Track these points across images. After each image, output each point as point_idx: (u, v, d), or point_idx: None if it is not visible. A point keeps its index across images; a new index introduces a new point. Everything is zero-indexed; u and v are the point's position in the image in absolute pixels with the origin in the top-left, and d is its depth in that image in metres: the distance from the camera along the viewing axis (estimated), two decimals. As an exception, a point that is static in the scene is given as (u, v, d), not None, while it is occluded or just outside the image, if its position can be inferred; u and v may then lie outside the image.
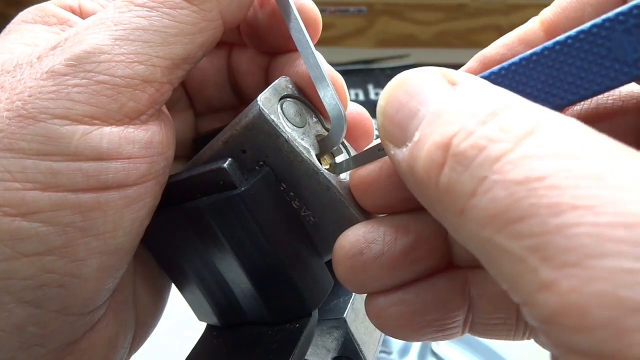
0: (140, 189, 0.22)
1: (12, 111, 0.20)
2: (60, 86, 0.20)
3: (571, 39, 0.17)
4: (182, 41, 0.22)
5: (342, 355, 0.29)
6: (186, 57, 0.22)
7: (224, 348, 0.27)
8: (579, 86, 0.17)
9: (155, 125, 0.22)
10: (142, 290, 0.28)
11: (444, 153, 0.15)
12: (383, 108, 0.19)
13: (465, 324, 0.23)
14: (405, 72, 0.19)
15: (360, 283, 0.23)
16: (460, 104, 0.16)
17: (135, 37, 0.21)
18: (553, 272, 0.13)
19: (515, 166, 0.14)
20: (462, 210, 0.15)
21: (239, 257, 0.24)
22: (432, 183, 0.16)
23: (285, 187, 0.25)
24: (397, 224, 0.22)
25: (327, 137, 0.25)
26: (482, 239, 0.14)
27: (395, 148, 0.18)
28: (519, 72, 0.18)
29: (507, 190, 0.14)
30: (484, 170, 0.14)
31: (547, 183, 0.13)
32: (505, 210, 0.14)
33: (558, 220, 0.13)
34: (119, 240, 0.22)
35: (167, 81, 0.22)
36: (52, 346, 0.22)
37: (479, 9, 1.29)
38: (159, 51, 0.21)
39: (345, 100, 0.26)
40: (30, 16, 0.25)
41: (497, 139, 0.15)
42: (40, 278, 0.20)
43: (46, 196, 0.20)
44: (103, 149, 0.20)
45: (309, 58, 0.25)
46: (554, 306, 0.13)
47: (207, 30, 0.23)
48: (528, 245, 0.13)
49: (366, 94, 1.18)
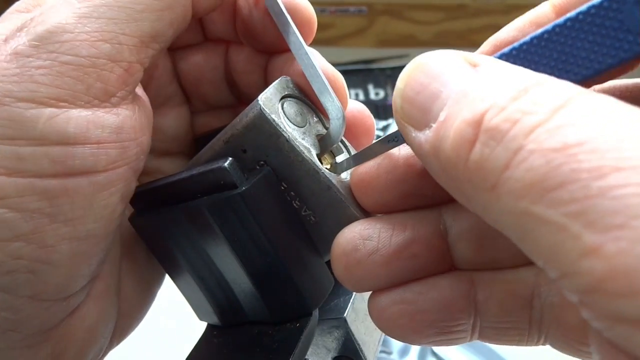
0: (111, 175, 0.21)
1: None
2: (23, 68, 0.20)
3: (582, 14, 0.17)
4: (149, 17, 0.21)
5: (342, 355, 0.29)
6: (154, 35, 0.22)
7: (224, 348, 0.27)
8: (592, 60, 0.17)
9: (127, 110, 0.22)
10: (127, 281, 0.27)
11: (475, 130, 0.15)
12: (402, 91, 0.18)
13: (473, 329, 0.22)
14: (424, 54, 0.18)
15: (357, 280, 0.22)
16: (487, 83, 0.16)
17: (99, 14, 0.21)
18: (598, 236, 0.12)
19: (551, 134, 0.14)
20: (494, 185, 0.14)
21: (239, 257, 0.24)
22: (461, 161, 0.15)
23: (286, 187, 0.25)
24: (394, 221, 0.22)
25: (327, 135, 0.25)
26: (517, 211, 0.14)
27: (416, 131, 0.18)
28: (530, 51, 0.18)
29: (545, 158, 0.13)
30: (519, 141, 0.14)
31: (587, 148, 0.13)
32: (543, 179, 0.13)
33: (601, 183, 0.12)
34: (90, 226, 0.21)
35: (137, 61, 0.22)
36: (27, 332, 0.22)
37: (479, 9, 1.29)
38: (124, 28, 0.21)
39: (345, 98, 0.26)
40: (23, 6, 0.24)
41: (531, 111, 0.14)
42: (8, 264, 0.20)
43: (12, 182, 0.19)
44: (70, 133, 0.20)
45: (304, 59, 0.25)
46: (600, 272, 0.12)
47: (175, 7, 0.22)
48: (569, 212, 0.13)
49: (366, 94, 1.18)
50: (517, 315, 0.22)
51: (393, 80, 1.20)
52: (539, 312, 0.21)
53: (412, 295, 0.22)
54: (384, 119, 1.09)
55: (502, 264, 0.22)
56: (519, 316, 0.22)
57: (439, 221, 0.22)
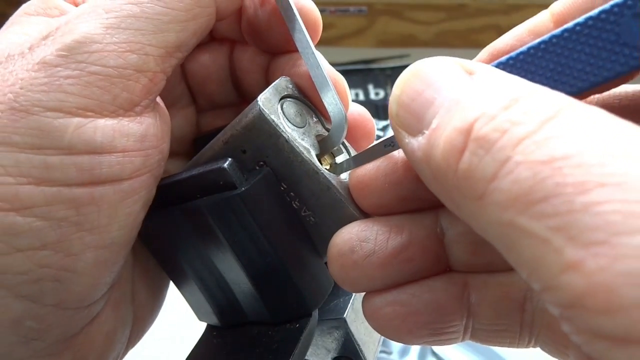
0: (135, 182, 0.21)
1: (4, 104, 0.20)
2: (52, 78, 0.20)
3: (580, 26, 0.17)
4: (175, 28, 0.22)
5: (342, 355, 0.29)
6: (179, 45, 0.22)
7: (224, 348, 0.27)
8: (588, 73, 0.17)
9: (150, 118, 0.22)
10: (140, 286, 0.27)
11: (464, 138, 0.15)
12: (398, 97, 0.18)
13: (465, 330, 0.23)
14: (421, 60, 0.18)
15: (352, 281, 0.22)
16: (480, 91, 0.16)
17: (127, 25, 0.21)
18: (579, 251, 0.12)
19: (539, 146, 0.14)
20: (482, 194, 0.14)
21: (239, 257, 0.24)
22: (450, 170, 0.15)
23: (286, 188, 0.25)
24: (392, 224, 0.22)
25: (328, 137, 0.25)
26: (503, 222, 0.14)
27: (409, 137, 0.18)
28: (527, 61, 0.18)
29: (531, 170, 0.13)
30: (506, 152, 0.14)
31: (573, 162, 0.13)
32: (529, 191, 0.13)
33: (584, 198, 0.12)
34: (114, 234, 0.22)
35: (161, 70, 0.22)
36: (50, 340, 0.22)
37: (479, 9, 1.29)
38: (151, 39, 0.21)
39: (347, 101, 0.26)
40: (32, 8, 0.25)
41: (520, 121, 0.14)
42: (36, 273, 0.20)
43: (40, 191, 0.20)
44: (97, 142, 0.20)
45: (310, 58, 0.25)
46: (579, 287, 0.12)
47: (200, 17, 0.22)
48: (552, 225, 0.13)
49: (366, 94, 1.18)
50: (509, 318, 0.22)
51: (393, 80, 1.20)
52: (531, 315, 0.21)
53: (405, 297, 0.22)
54: (384, 119, 1.09)
55: (497, 266, 0.22)
56: (511, 318, 0.22)
57: (435, 224, 0.22)
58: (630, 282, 0.12)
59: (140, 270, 0.27)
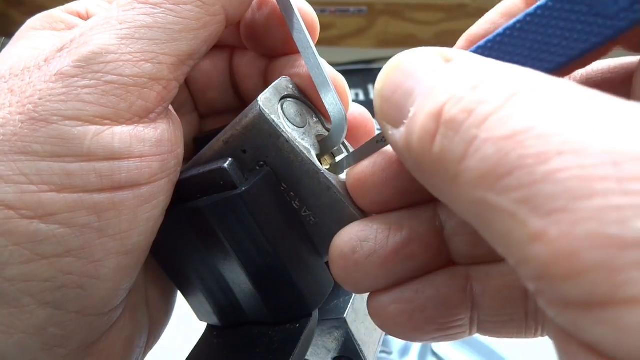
0: (153, 187, 0.22)
1: (24, 114, 0.20)
2: (70, 88, 0.20)
3: (552, 1, 0.17)
4: (186, 37, 0.22)
5: (342, 355, 0.29)
6: (191, 53, 0.22)
7: (224, 348, 0.27)
8: (565, 47, 0.17)
9: (164, 124, 0.23)
10: (153, 290, 0.28)
11: (436, 122, 0.15)
12: (380, 90, 0.19)
13: (472, 323, 0.23)
14: (402, 53, 0.19)
15: (355, 282, 0.23)
16: (452, 76, 0.16)
17: (140, 35, 0.21)
18: (541, 220, 0.12)
19: (502, 123, 0.14)
20: (454, 175, 0.15)
21: (239, 257, 0.24)
22: (426, 154, 0.16)
23: (286, 187, 0.25)
24: (391, 221, 0.22)
25: (328, 137, 0.25)
26: (475, 200, 0.14)
27: (393, 129, 0.18)
28: (504, 42, 0.18)
29: (496, 146, 0.13)
30: (473, 131, 0.14)
31: (534, 133, 0.13)
32: (495, 167, 0.13)
33: (545, 167, 0.12)
34: (135, 240, 0.22)
35: (174, 78, 0.22)
36: (72, 347, 0.22)
37: (479, 9, 1.29)
38: (165, 48, 0.22)
39: (347, 101, 0.26)
40: (38, 23, 0.25)
41: (485, 100, 0.14)
42: (60, 279, 0.20)
43: (62, 198, 0.20)
44: (115, 148, 0.21)
45: (310, 58, 0.25)
46: (544, 257, 0.12)
47: (210, 25, 0.23)
48: (518, 198, 0.13)
49: (366, 94, 1.18)
50: (513, 308, 0.22)
51: (393, 80, 1.20)
52: (535, 304, 0.21)
53: (409, 294, 0.22)
54: (384, 119, 1.09)
55: (498, 257, 0.22)
56: (515, 308, 0.22)
57: (434, 218, 0.22)
58: (590, 245, 0.12)
59: (152, 274, 0.28)
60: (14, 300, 0.20)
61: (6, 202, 0.19)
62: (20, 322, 0.20)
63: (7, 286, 0.20)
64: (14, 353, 0.21)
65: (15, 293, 0.20)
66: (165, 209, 0.23)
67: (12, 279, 0.20)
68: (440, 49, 0.18)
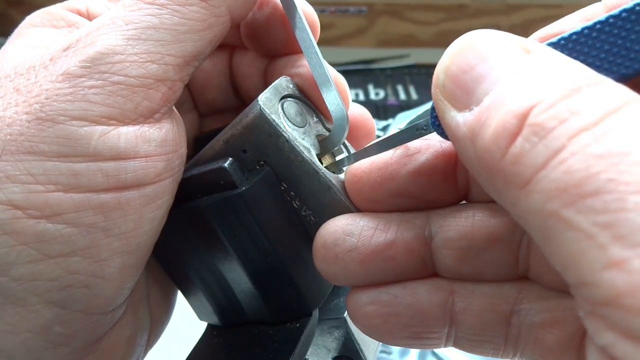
0: (158, 187, 0.22)
1: (30, 114, 0.20)
2: (76, 88, 0.20)
3: (639, 5, 0.16)
4: (192, 38, 0.22)
5: (342, 354, 0.29)
6: (196, 54, 0.23)
7: (224, 348, 0.27)
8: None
9: (168, 124, 0.23)
10: (154, 288, 0.28)
11: (520, 122, 0.15)
12: (447, 67, 0.17)
13: (448, 337, 0.22)
14: (475, 32, 0.17)
15: (333, 274, 0.23)
16: (540, 75, 0.15)
17: (147, 37, 0.21)
18: (625, 250, 0.12)
19: (597, 140, 0.13)
20: (527, 181, 0.14)
21: (239, 257, 0.24)
22: (499, 152, 0.15)
23: (286, 187, 0.25)
24: (379, 221, 0.22)
25: (329, 137, 0.25)
26: (546, 212, 0.14)
27: (454, 110, 0.17)
28: (580, 41, 0.18)
29: (585, 162, 0.13)
30: (561, 141, 0.14)
31: (631, 160, 0.13)
32: (579, 184, 0.13)
33: (638, 198, 0.12)
34: (140, 239, 0.22)
35: (179, 79, 0.22)
36: (76, 345, 0.22)
37: (479, 9, 1.29)
38: (170, 49, 0.22)
39: (348, 101, 0.26)
40: (38, 20, 0.25)
41: (581, 112, 0.14)
42: (66, 279, 0.21)
43: (69, 197, 0.20)
44: (121, 148, 0.21)
45: (312, 57, 0.25)
46: (620, 285, 0.12)
47: (215, 26, 0.23)
48: (600, 222, 0.13)
49: (366, 94, 1.18)
50: (493, 330, 0.22)
51: (393, 81, 1.20)
52: (517, 330, 0.21)
53: (387, 298, 0.22)
54: (384, 119, 1.09)
55: (485, 277, 0.22)
56: (495, 331, 0.22)
57: (424, 226, 0.22)
58: None
59: (153, 273, 0.28)
60: (20, 300, 0.20)
61: (13, 201, 0.19)
62: (26, 322, 0.20)
63: (14, 285, 0.20)
64: (19, 352, 0.21)
65: (22, 292, 0.20)
66: (170, 208, 0.23)
67: (19, 278, 0.20)
68: (517, 37, 0.17)
